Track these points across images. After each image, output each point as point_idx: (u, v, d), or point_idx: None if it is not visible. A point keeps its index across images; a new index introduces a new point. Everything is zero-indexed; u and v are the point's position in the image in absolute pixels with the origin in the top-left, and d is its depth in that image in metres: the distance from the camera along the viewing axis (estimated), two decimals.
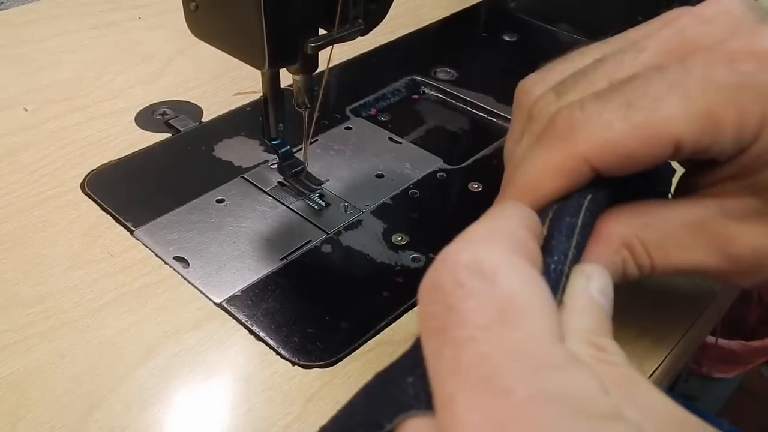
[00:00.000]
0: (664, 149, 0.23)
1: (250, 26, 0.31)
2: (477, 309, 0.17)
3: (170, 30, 0.61)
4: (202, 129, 0.48)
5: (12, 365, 0.31)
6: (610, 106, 0.23)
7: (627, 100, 0.23)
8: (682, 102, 0.23)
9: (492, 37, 0.63)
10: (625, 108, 0.23)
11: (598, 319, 0.21)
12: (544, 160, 0.24)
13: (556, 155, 0.24)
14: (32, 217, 0.39)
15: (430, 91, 0.54)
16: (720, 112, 0.23)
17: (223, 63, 0.54)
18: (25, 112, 0.49)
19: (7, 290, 0.34)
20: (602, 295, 0.22)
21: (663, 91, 0.23)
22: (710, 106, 0.23)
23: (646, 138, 0.23)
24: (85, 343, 0.32)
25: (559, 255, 0.22)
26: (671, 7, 0.28)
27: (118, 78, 0.53)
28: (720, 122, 0.23)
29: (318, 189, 0.41)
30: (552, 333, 0.17)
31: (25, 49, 0.57)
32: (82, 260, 0.36)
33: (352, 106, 0.51)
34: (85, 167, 0.43)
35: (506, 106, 0.52)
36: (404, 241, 0.38)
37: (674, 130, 0.23)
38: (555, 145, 0.24)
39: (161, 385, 0.30)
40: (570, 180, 0.24)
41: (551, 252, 0.22)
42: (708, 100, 0.23)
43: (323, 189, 0.42)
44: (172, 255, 0.37)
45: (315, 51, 0.33)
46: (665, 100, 0.23)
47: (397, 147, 0.47)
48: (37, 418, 0.28)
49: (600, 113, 0.23)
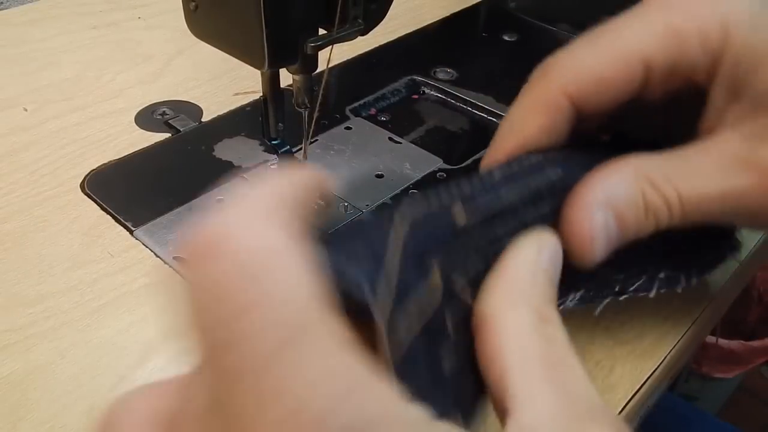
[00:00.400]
0: (634, 70, 0.25)
1: (250, 26, 0.31)
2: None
3: (170, 30, 0.61)
4: (202, 129, 0.48)
5: (12, 365, 0.31)
6: (582, 42, 0.27)
7: (596, 35, 0.27)
8: (644, 24, 0.26)
9: (492, 37, 0.63)
10: (594, 40, 0.26)
11: (545, 288, 0.21)
12: (524, 101, 0.27)
13: (535, 92, 0.26)
14: (32, 217, 0.39)
15: (430, 91, 0.54)
16: (681, 25, 0.25)
17: (223, 63, 0.54)
18: (25, 112, 0.49)
19: (7, 290, 0.34)
20: (551, 264, 0.22)
21: (626, 21, 0.26)
22: (669, 20, 0.25)
23: (614, 61, 0.25)
24: (85, 343, 0.32)
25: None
26: None
27: (118, 78, 0.53)
28: (682, 33, 0.25)
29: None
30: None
31: (25, 49, 0.57)
32: (82, 260, 0.36)
33: (352, 106, 0.51)
34: (85, 167, 0.43)
35: (506, 106, 0.52)
36: None
37: (640, 48, 0.25)
38: (534, 85, 0.26)
39: None
40: (551, 116, 0.26)
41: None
42: (666, 15, 0.25)
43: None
44: (172, 255, 0.37)
45: (315, 51, 0.33)
46: (628, 26, 0.26)
47: (396, 147, 0.47)
48: (37, 418, 0.28)
49: (573, 50, 0.27)
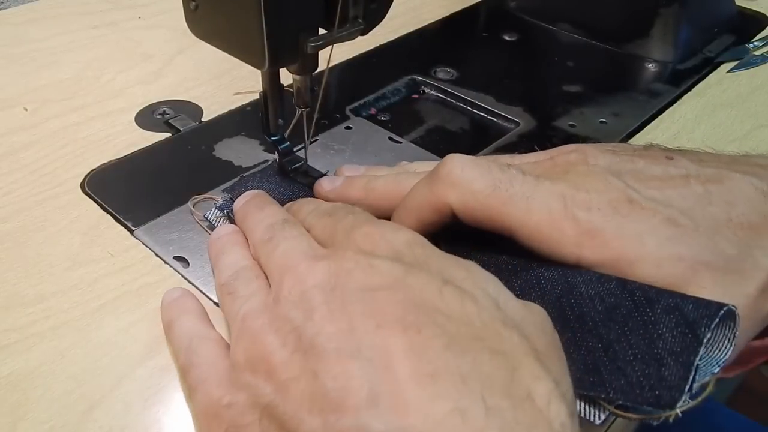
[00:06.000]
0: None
1: (250, 26, 0.31)
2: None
3: (170, 30, 0.61)
4: (202, 129, 0.48)
5: (12, 365, 0.31)
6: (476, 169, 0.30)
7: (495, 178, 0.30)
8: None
9: (492, 37, 0.63)
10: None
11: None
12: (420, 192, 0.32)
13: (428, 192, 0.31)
14: (32, 217, 0.39)
15: (430, 91, 0.54)
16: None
17: (223, 63, 0.54)
18: (25, 111, 0.49)
19: (7, 290, 0.34)
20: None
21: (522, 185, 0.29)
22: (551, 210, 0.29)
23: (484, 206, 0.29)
24: (85, 342, 0.32)
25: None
26: (670, 7, 0.29)
27: (118, 78, 0.53)
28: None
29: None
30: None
31: (25, 49, 0.57)
32: (82, 260, 0.36)
33: (352, 105, 0.51)
34: (85, 167, 0.43)
35: (506, 105, 0.52)
36: None
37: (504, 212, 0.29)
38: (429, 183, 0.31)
39: (161, 385, 0.30)
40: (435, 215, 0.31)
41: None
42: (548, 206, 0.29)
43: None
44: (172, 255, 0.37)
45: (315, 51, 0.33)
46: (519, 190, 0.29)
47: (397, 147, 0.47)
48: (37, 418, 0.28)
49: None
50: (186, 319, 0.31)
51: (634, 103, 0.53)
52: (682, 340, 0.25)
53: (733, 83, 0.56)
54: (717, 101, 0.53)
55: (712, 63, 0.59)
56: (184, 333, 0.30)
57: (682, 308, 0.26)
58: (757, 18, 0.67)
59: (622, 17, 0.61)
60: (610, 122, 0.50)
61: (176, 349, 0.30)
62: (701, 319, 0.25)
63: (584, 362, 0.26)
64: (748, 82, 0.56)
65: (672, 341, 0.25)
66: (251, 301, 0.27)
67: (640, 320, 0.26)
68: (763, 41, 0.61)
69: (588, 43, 0.61)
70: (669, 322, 0.25)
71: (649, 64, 0.59)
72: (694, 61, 0.59)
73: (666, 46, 0.59)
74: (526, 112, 0.51)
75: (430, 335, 0.21)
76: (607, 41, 0.61)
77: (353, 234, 0.27)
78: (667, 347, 0.25)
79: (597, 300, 0.27)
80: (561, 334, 0.26)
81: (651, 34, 0.59)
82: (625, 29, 0.60)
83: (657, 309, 0.26)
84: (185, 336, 0.30)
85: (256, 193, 0.36)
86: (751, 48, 0.60)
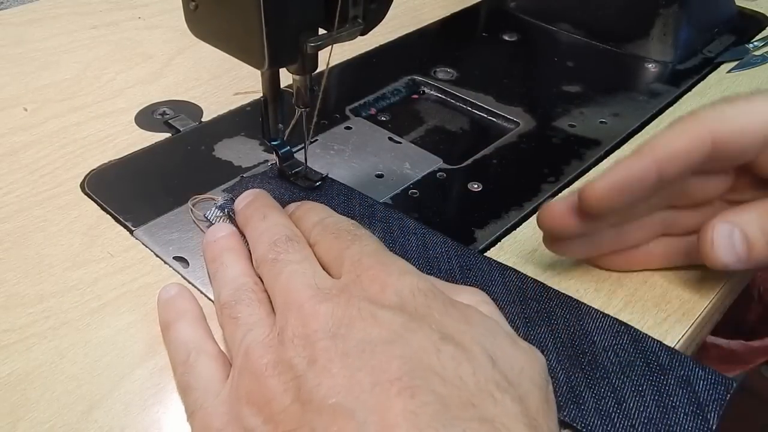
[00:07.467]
0: (759, 138, 0.31)
1: (250, 26, 0.31)
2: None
3: (170, 30, 0.61)
4: (202, 129, 0.48)
5: (12, 365, 0.31)
6: (725, 103, 0.31)
7: (735, 101, 0.31)
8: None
9: (492, 37, 0.63)
10: (736, 104, 0.31)
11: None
12: (673, 129, 0.31)
13: (685, 124, 0.31)
14: (32, 217, 0.39)
15: (430, 91, 0.54)
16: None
17: (223, 63, 0.54)
18: (25, 112, 0.49)
19: (7, 290, 0.34)
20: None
21: (759, 98, 0.31)
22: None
23: (750, 124, 0.30)
24: (84, 342, 0.32)
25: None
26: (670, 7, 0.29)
27: (118, 78, 0.53)
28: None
29: (318, 183, 0.41)
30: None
31: (25, 49, 0.57)
32: (82, 260, 0.36)
33: (352, 105, 0.51)
34: (85, 167, 0.43)
35: (506, 105, 0.52)
36: None
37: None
38: (684, 120, 0.31)
39: (161, 385, 0.30)
40: (694, 144, 0.31)
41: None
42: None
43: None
44: (172, 255, 0.37)
45: (315, 51, 0.33)
46: (761, 101, 0.31)
47: (396, 147, 0.47)
48: (37, 418, 0.28)
49: (718, 106, 0.31)
50: (183, 324, 0.31)
51: (634, 104, 0.53)
52: (693, 419, 0.28)
53: (733, 83, 0.56)
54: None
55: (712, 63, 0.59)
56: (181, 343, 0.30)
57: (693, 385, 0.28)
58: (757, 18, 0.67)
59: (622, 17, 0.61)
60: (610, 122, 0.50)
61: (173, 360, 0.30)
62: (711, 402, 0.28)
63: (596, 407, 0.28)
64: (748, 82, 0.56)
65: (684, 418, 0.28)
66: (255, 333, 0.27)
67: (654, 387, 0.28)
68: (763, 41, 0.61)
69: (588, 44, 0.61)
70: (682, 397, 0.28)
71: (649, 65, 0.59)
72: (694, 62, 0.59)
73: (666, 47, 0.59)
74: (526, 112, 0.51)
75: (423, 402, 0.22)
76: (607, 41, 0.61)
77: (361, 274, 0.27)
78: (679, 421, 0.27)
79: (611, 352, 0.30)
80: (571, 371, 0.28)
81: (651, 34, 0.59)
82: (625, 29, 0.60)
83: (670, 378, 0.29)
84: (183, 347, 0.30)
85: (258, 194, 0.36)
86: (751, 48, 0.60)
